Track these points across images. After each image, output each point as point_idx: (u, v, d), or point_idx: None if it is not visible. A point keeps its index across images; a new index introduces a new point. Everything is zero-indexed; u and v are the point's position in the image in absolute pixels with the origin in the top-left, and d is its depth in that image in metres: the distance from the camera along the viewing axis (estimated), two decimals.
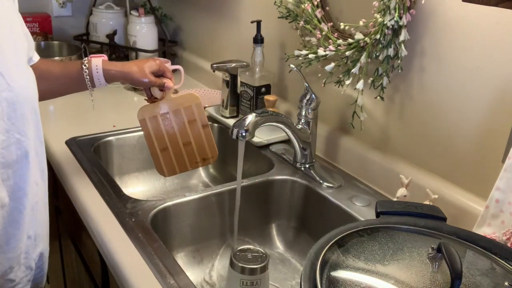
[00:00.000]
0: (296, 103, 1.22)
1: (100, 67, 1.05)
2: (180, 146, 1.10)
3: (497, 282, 0.66)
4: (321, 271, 0.64)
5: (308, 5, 1.21)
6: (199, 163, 1.11)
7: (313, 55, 1.18)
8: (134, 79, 1.06)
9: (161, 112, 1.09)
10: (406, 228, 0.75)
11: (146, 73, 1.06)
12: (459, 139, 1.00)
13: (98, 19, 2.00)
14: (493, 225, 0.84)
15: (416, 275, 0.64)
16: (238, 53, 1.62)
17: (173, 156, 1.10)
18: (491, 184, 0.85)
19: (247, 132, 0.99)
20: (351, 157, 1.23)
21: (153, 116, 1.09)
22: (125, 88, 1.79)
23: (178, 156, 1.10)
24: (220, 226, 1.17)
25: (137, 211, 1.03)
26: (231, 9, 1.68)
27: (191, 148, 1.10)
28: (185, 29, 2.04)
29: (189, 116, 1.10)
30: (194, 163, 1.11)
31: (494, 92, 0.92)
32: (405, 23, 1.01)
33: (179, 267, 0.87)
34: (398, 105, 1.12)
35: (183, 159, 1.10)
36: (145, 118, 1.09)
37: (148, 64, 1.07)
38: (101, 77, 1.05)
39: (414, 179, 1.02)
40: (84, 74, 1.04)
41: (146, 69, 1.06)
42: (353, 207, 1.08)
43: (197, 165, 1.12)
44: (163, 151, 1.10)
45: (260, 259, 0.83)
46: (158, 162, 1.11)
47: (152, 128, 1.09)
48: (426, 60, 1.04)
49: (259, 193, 1.21)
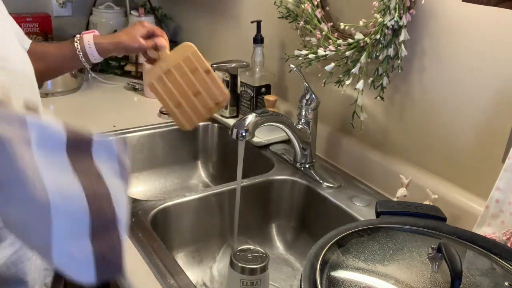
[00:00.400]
0: (296, 103, 1.22)
1: (92, 42, 1.08)
2: (191, 97, 1.11)
3: (497, 282, 0.66)
4: (321, 271, 0.64)
5: (308, 5, 1.21)
6: (213, 108, 1.13)
7: (313, 55, 1.18)
8: (126, 47, 1.10)
9: (164, 71, 1.11)
10: (406, 228, 0.75)
11: (137, 38, 1.09)
12: (459, 139, 1.00)
13: (98, 19, 2.00)
14: (493, 225, 0.84)
15: (416, 275, 0.64)
16: (238, 53, 1.62)
17: (188, 109, 1.12)
18: (491, 184, 0.85)
19: (247, 132, 0.99)
20: (351, 157, 1.23)
21: (158, 77, 1.11)
22: (125, 88, 1.79)
23: (193, 107, 1.12)
24: (220, 226, 1.17)
25: (137, 211, 1.03)
26: (231, 9, 1.68)
27: (202, 97, 1.11)
28: (185, 29, 2.04)
29: (190, 66, 1.11)
30: (209, 109, 1.12)
31: (494, 92, 0.92)
32: (405, 23, 1.01)
33: (179, 267, 0.87)
34: (398, 105, 1.12)
35: (198, 109, 1.12)
36: (152, 82, 1.11)
37: (136, 29, 1.11)
38: (94, 51, 1.08)
39: (414, 179, 1.02)
40: (77, 50, 1.08)
41: (137, 34, 1.10)
42: (353, 207, 1.08)
43: (212, 111, 1.14)
44: (178, 107, 1.11)
45: (260, 259, 0.83)
46: (176, 119, 1.13)
47: (161, 89, 1.11)
48: (426, 60, 1.04)
49: (259, 193, 1.21)
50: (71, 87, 1.70)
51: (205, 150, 1.54)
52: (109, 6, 2.03)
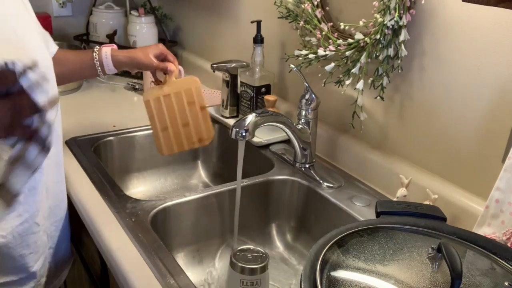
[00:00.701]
0: (296, 103, 1.22)
1: (109, 54, 1.17)
2: (179, 126, 1.16)
3: (497, 282, 0.66)
4: (321, 271, 0.64)
5: (308, 5, 1.21)
6: (195, 143, 1.17)
7: (313, 55, 1.18)
8: (139, 63, 1.18)
9: (164, 94, 1.15)
10: (406, 228, 0.75)
11: (150, 57, 1.17)
12: (459, 139, 1.00)
13: (98, 19, 2.00)
14: (493, 225, 0.84)
15: (416, 275, 0.64)
16: (238, 53, 1.62)
17: (172, 136, 1.16)
18: (491, 184, 0.85)
19: (247, 132, 0.99)
20: (351, 157, 1.23)
21: (156, 98, 1.15)
22: (125, 88, 1.79)
23: (177, 136, 1.16)
24: (220, 226, 1.17)
25: (137, 211, 1.03)
26: (231, 9, 1.68)
27: (189, 129, 1.16)
28: (185, 29, 2.04)
29: (189, 98, 1.15)
30: (191, 143, 1.17)
31: (494, 92, 0.92)
32: (405, 23, 1.01)
33: (179, 267, 0.87)
34: (398, 105, 1.12)
35: (181, 139, 1.16)
36: (149, 100, 1.15)
37: (151, 49, 1.19)
38: (109, 63, 1.17)
39: (414, 179, 1.02)
40: (94, 60, 1.17)
41: (150, 54, 1.17)
42: (353, 207, 1.08)
43: (194, 145, 1.17)
44: (164, 131, 1.16)
45: (260, 259, 0.83)
46: (158, 141, 1.16)
47: (155, 108, 1.15)
48: (426, 60, 1.04)
49: (259, 193, 1.21)
50: (71, 87, 1.70)
51: (205, 150, 1.54)
52: (109, 6, 2.03)
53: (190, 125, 1.15)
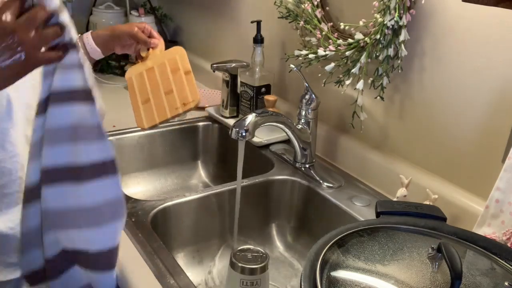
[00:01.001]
0: (296, 103, 1.22)
1: (89, 35, 1.15)
2: (162, 95, 1.07)
3: (497, 282, 0.66)
4: (321, 271, 0.64)
5: (308, 5, 1.21)
6: (179, 108, 1.06)
7: (313, 55, 1.18)
8: (120, 30, 1.14)
9: (147, 68, 1.10)
10: (406, 228, 0.75)
11: (133, 26, 1.14)
12: (459, 139, 1.00)
13: (98, 19, 1.99)
14: (493, 225, 0.84)
15: (416, 275, 0.64)
16: (238, 53, 1.62)
17: (154, 107, 1.07)
18: (491, 184, 0.85)
19: (247, 132, 0.99)
20: (351, 157, 1.23)
21: (139, 74, 1.10)
22: (125, 88, 1.78)
23: (159, 105, 1.07)
24: (220, 226, 1.17)
25: (137, 211, 1.03)
26: (231, 9, 1.68)
27: (172, 96, 1.06)
28: (185, 29, 2.04)
29: (172, 66, 1.08)
30: (174, 109, 1.06)
31: (494, 92, 0.92)
32: (405, 23, 1.01)
33: (179, 267, 0.87)
34: (398, 105, 1.12)
35: (163, 107, 1.06)
36: (131, 77, 1.10)
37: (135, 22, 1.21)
38: (90, 41, 1.13)
39: (414, 179, 1.02)
40: None
41: (133, 24, 1.16)
42: (353, 207, 1.08)
43: (177, 111, 1.06)
44: (145, 103, 1.08)
45: (260, 259, 0.83)
46: (138, 115, 1.08)
47: (137, 84, 1.09)
48: (426, 60, 1.04)
49: (259, 193, 1.21)
50: None
51: (205, 150, 1.54)
52: (109, 6, 2.02)
53: (174, 91, 1.06)
